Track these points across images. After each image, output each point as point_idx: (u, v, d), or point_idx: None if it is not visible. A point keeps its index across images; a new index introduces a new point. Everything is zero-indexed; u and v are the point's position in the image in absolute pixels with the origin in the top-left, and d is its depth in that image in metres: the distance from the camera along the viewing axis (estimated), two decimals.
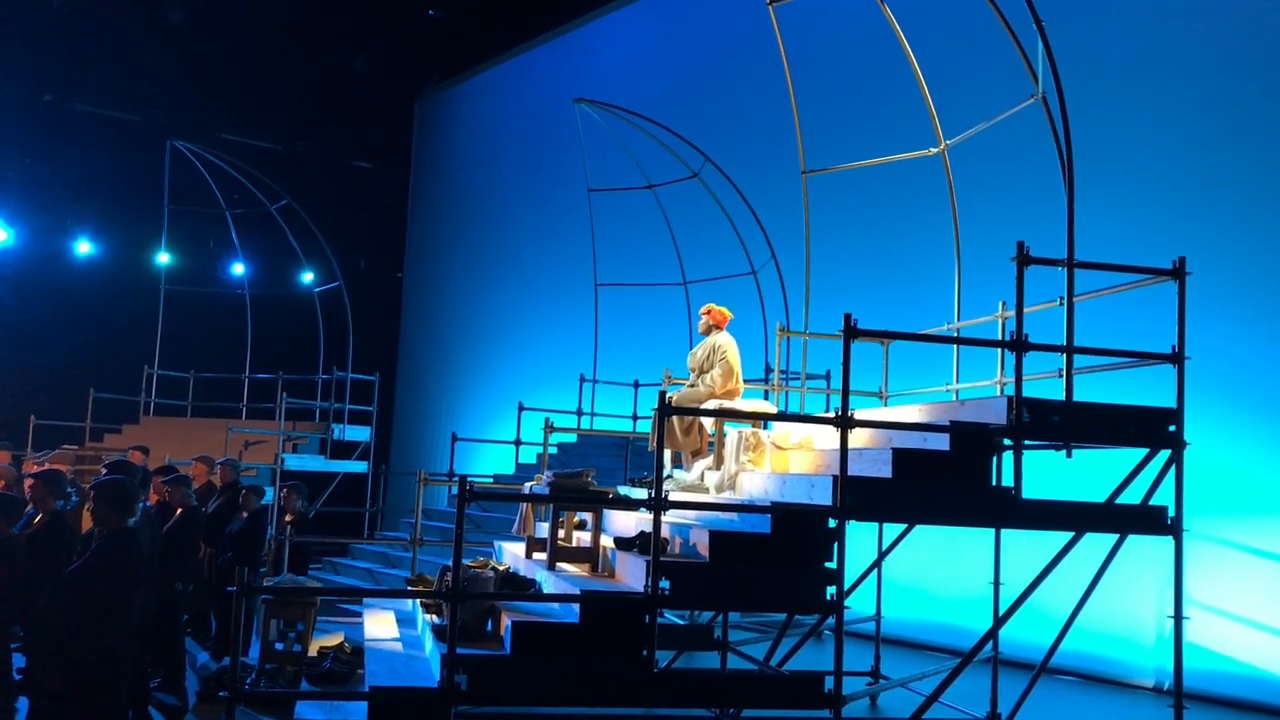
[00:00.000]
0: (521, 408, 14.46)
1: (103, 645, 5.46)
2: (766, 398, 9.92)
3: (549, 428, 11.83)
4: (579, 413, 15.15)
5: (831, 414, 6.14)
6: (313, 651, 7.36)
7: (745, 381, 8.71)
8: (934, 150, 9.34)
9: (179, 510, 9.02)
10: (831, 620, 6.03)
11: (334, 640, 7.64)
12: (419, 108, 23.95)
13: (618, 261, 16.06)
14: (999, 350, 8.07)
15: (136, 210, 19.22)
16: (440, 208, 22.83)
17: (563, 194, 17.92)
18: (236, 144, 19.85)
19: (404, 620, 8.21)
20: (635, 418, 14.96)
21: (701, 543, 6.21)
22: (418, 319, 23.03)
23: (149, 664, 7.96)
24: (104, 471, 7.57)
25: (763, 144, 14.61)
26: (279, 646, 7.51)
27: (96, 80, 19.29)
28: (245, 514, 10.31)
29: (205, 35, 19.56)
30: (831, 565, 6.06)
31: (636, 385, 15.04)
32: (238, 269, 19.86)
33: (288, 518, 10.83)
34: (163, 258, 19.22)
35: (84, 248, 19.38)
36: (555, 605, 6.34)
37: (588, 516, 7.68)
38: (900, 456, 6.14)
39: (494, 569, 7.34)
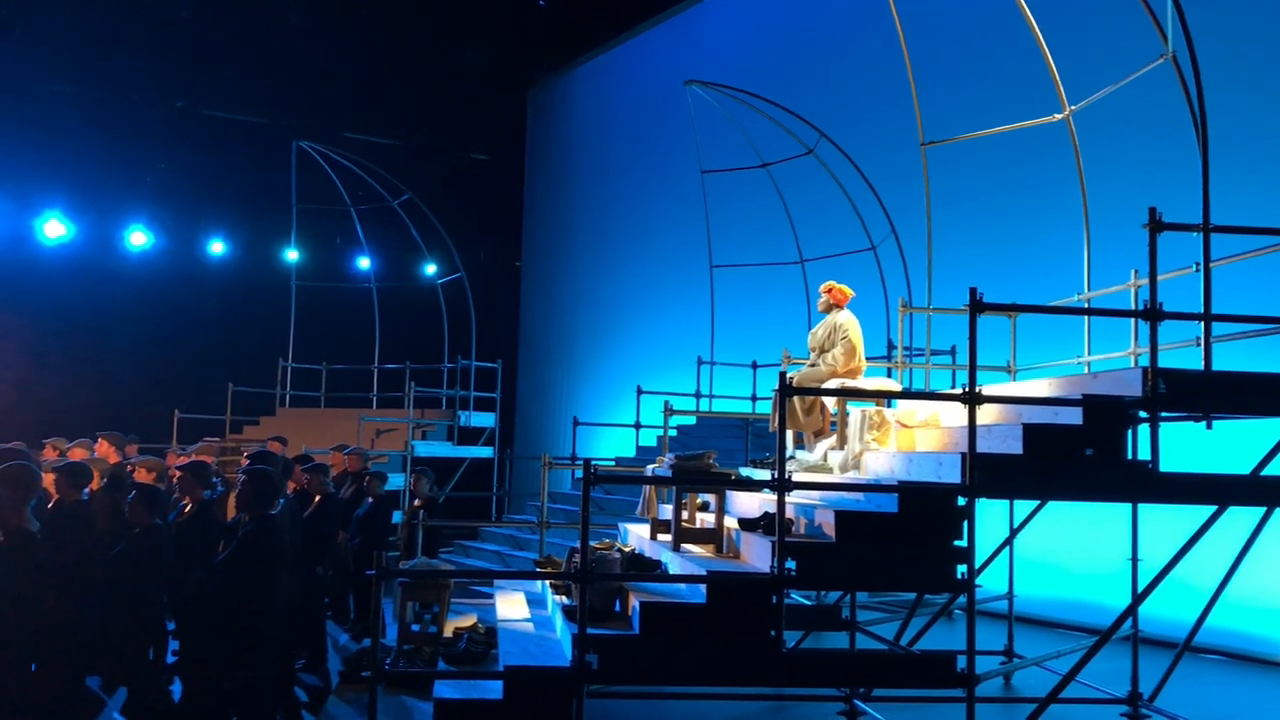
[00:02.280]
0: (640, 391, 14.55)
1: (251, 629, 5.72)
2: (889, 375, 9.80)
3: (668, 410, 11.89)
4: (697, 395, 15.17)
5: (958, 390, 6.04)
6: (448, 632, 7.57)
7: (867, 359, 8.62)
8: (1058, 116, 9.07)
9: (317, 497, 9.36)
10: (962, 599, 5.94)
11: (468, 621, 7.85)
12: (531, 97, 24.22)
13: (733, 242, 16.01)
14: (1132, 320, 7.82)
15: (266, 210, 19.93)
16: (555, 196, 23.09)
17: (675, 177, 17.93)
18: (358, 142, 20.39)
19: (534, 601, 8.37)
20: (754, 399, 14.91)
21: (827, 523, 6.18)
22: (536, 306, 23.36)
23: (293, 646, 8.29)
24: (247, 462, 7.91)
25: (879, 117, 14.37)
26: (415, 628, 7.75)
27: (224, 85, 20.03)
28: (369, 499, 10.65)
29: (325, 37, 20.13)
30: (961, 544, 5.97)
31: (755, 366, 14.99)
32: (364, 263, 20.45)
33: (416, 502, 11.14)
34: (292, 255, 19.90)
35: (218, 248, 20.19)
36: (682, 586, 6.39)
37: (710, 498, 7.71)
38: (1031, 432, 6.00)
39: (619, 550, 7.43)
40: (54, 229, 18.39)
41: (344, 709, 6.80)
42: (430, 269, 19.96)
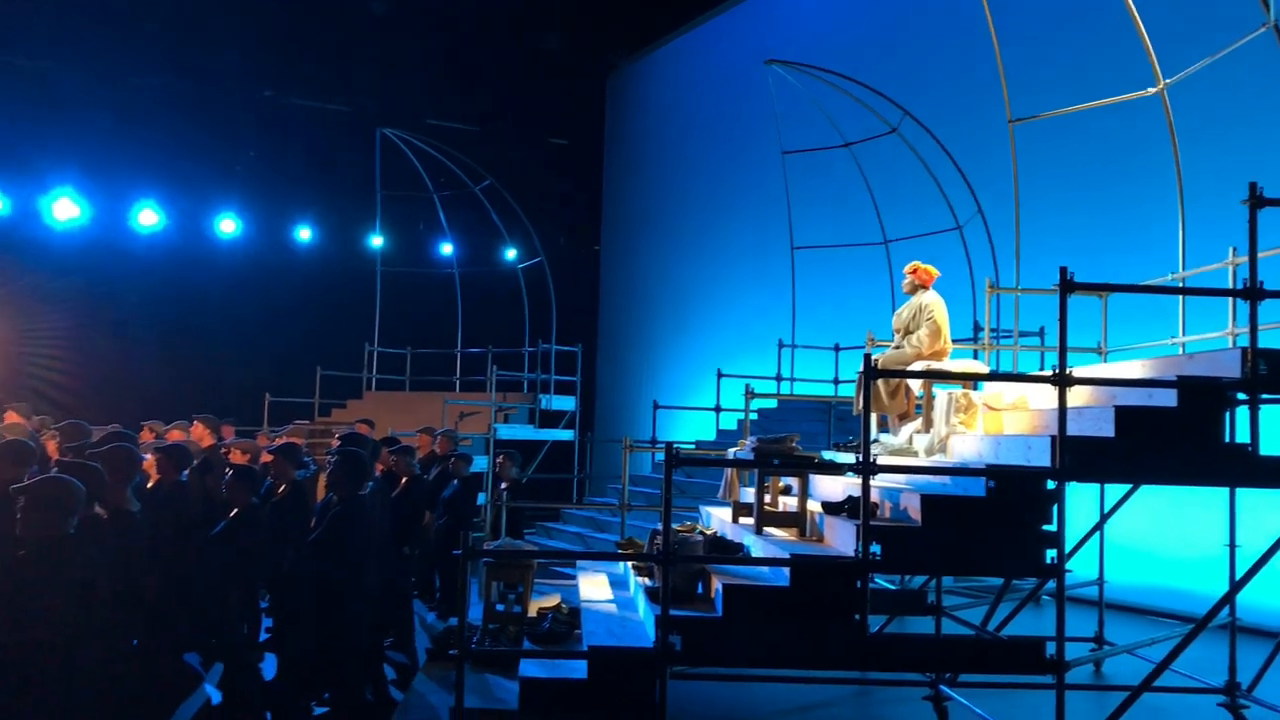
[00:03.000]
0: (720, 374, 14.52)
1: (342, 607, 5.85)
2: (976, 357, 9.65)
3: (750, 394, 11.84)
4: (778, 378, 15.09)
5: (1048, 372, 5.92)
6: (532, 612, 7.65)
7: (953, 341, 8.49)
8: (1152, 90, 8.81)
9: (404, 479, 9.53)
10: (1051, 585, 5.84)
11: (551, 601, 7.92)
12: (611, 81, 24.24)
13: (814, 223, 15.87)
14: (1230, 300, 7.58)
15: (351, 197, 20.27)
16: (634, 179, 23.10)
17: (756, 158, 17.81)
18: (440, 128, 20.61)
19: (616, 583, 8.42)
20: (837, 382, 14.79)
21: (913, 507, 6.11)
22: (616, 290, 23.43)
23: (381, 624, 8.46)
24: (336, 444, 8.08)
25: (964, 94, 14.10)
26: (500, 607, 7.84)
27: (310, 74, 20.39)
28: (456, 480, 10.79)
29: (406, 25, 20.38)
30: (1051, 528, 5.87)
31: (837, 349, 14.85)
32: (446, 249, 20.71)
33: (503, 484, 11.27)
34: (377, 241, 20.23)
35: (305, 235, 20.60)
36: (765, 569, 6.38)
37: (793, 481, 7.67)
38: (1124, 414, 5.86)
39: (701, 533, 7.44)
40: (148, 218, 18.92)
41: (431, 685, 6.92)
42: (511, 254, 20.14)
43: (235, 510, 7.01)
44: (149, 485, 7.28)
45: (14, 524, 4.76)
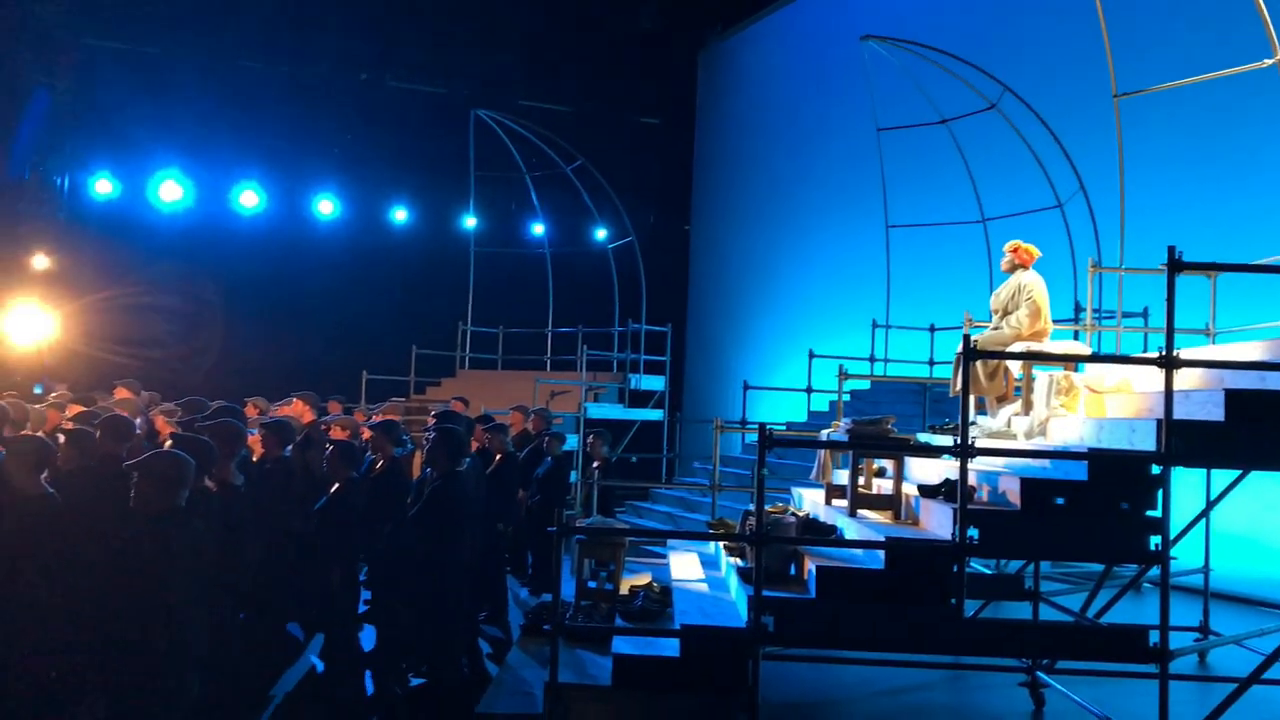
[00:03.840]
0: (812, 355, 14.40)
1: (439, 580, 5.97)
2: (1076, 338, 9.41)
3: (843, 374, 11.73)
4: (872, 359, 14.91)
5: (1154, 354, 5.75)
6: (623, 590, 7.70)
7: (1053, 322, 8.29)
8: (1269, 61, 8.45)
9: (498, 456, 9.66)
10: (1154, 572, 5.70)
11: (643, 580, 7.98)
12: (702, 59, 24.08)
13: (909, 202, 15.61)
14: None
15: (446, 178, 20.53)
16: (725, 158, 22.96)
17: (850, 135, 17.56)
18: (533, 109, 20.74)
19: (707, 562, 8.44)
20: (932, 363, 14.56)
21: (1012, 490, 6.00)
22: (706, 270, 23.35)
23: (477, 599, 8.60)
24: (432, 421, 8.22)
25: (1067, 68, 13.71)
26: (592, 585, 7.92)
27: (405, 57, 20.65)
28: (549, 458, 10.90)
29: (501, 6, 20.50)
30: (1155, 514, 5.71)
31: (932, 329, 14.60)
32: (537, 229, 20.88)
33: (595, 463, 11.35)
34: (470, 222, 20.48)
35: (401, 215, 20.93)
36: (858, 551, 6.34)
37: (888, 464, 7.59)
38: (1234, 398, 5.67)
39: (794, 515, 7.41)
40: (249, 199, 19.43)
41: (525, 659, 7.01)
42: (601, 234, 20.23)
43: (336, 485, 7.18)
44: (253, 460, 7.49)
45: (123, 498, 4.96)
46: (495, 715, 6.04)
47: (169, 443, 5.97)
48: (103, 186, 18.67)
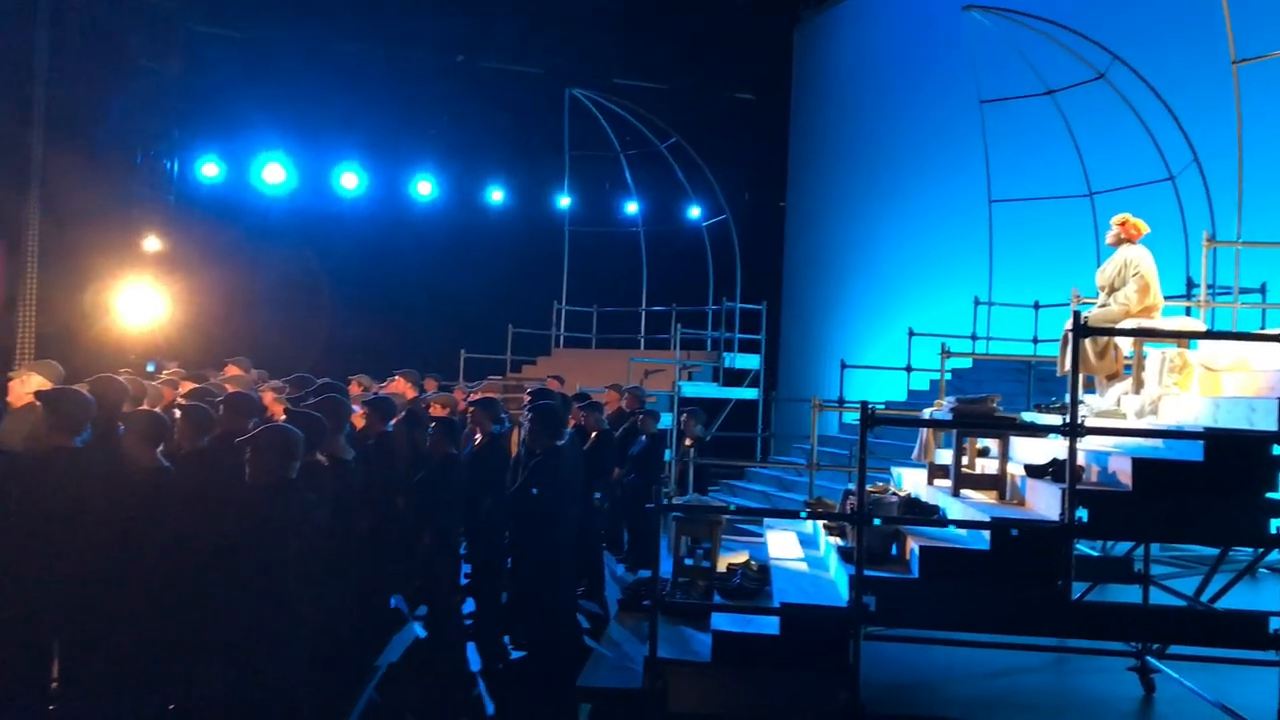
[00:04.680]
0: (912, 333, 14.17)
1: (540, 554, 6.04)
2: (1189, 315, 9.09)
3: (945, 353, 11.52)
4: (973, 337, 14.61)
5: (1275, 330, 5.52)
6: (720, 568, 7.70)
7: (1165, 298, 8.02)
8: None
9: (593, 434, 9.73)
10: (1273, 556, 5.50)
11: (740, 558, 7.95)
12: (798, 33, 23.76)
13: (1012, 176, 15.22)
14: None
15: (541, 158, 20.66)
16: (821, 133, 22.65)
17: (950, 109, 17.16)
18: (627, 87, 20.71)
19: (805, 542, 8.38)
20: (1036, 341, 14.20)
21: (1123, 471, 5.84)
22: (801, 247, 23.10)
23: (575, 574, 8.69)
24: (528, 399, 8.31)
25: (1180, 34, 13.19)
26: (689, 562, 7.93)
27: (501, 38, 20.78)
28: (644, 436, 10.93)
29: None
30: (1276, 496, 5.51)
31: (1036, 306, 14.24)
32: (631, 207, 20.89)
33: (688, 441, 11.35)
34: (564, 201, 20.59)
35: (497, 196, 21.13)
36: (962, 531, 6.23)
37: (992, 443, 7.45)
38: None
39: (895, 494, 7.32)
40: (349, 181, 19.81)
41: (624, 634, 7.05)
42: (695, 212, 20.16)
43: (437, 460, 7.31)
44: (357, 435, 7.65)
45: (238, 471, 5.11)
46: (595, 689, 6.10)
47: (280, 418, 6.13)
48: (209, 170, 19.20)
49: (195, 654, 5.25)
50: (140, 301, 16.43)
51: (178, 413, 6.36)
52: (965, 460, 7.35)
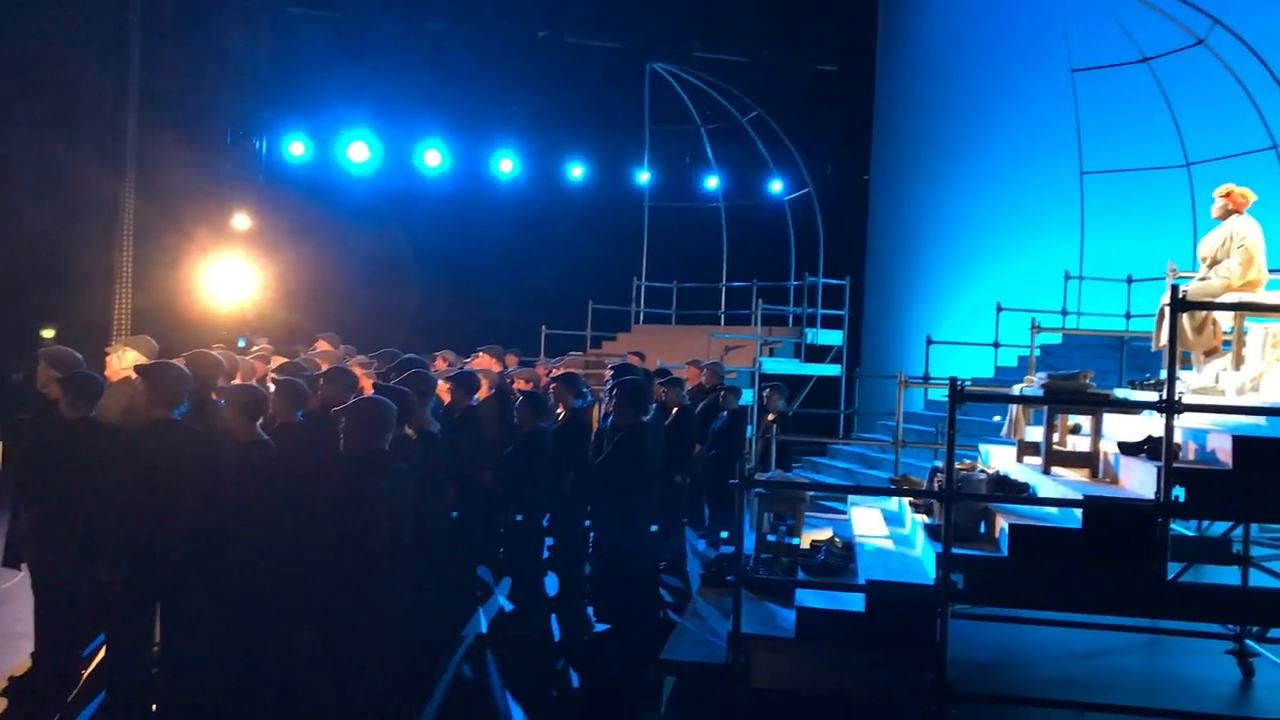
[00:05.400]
0: (1000, 308, 13.89)
1: (626, 528, 6.06)
2: None
3: (1036, 328, 11.28)
4: (1063, 312, 14.25)
5: None
6: (804, 544, 7.66)
7: (1269, 271, 7.75)
8: None
9: (674, 410, 9.72)
10: None
11: (824, 534, 7.91)
12: (883, 4, 23.32)
13: (1105, 146, 14.79)
14: None
15: (621, 133, 20.63)
16: (906, 104, 22.21)
17: (1040, 78, 16.70)
18: (707, 60, 20.55)
19: (890, 519, 8.30)
20: (1129, 316, 13.82)
21: (1222, 449, 5.67)
22: (885, 221, 22.73)
23: (657, 548, 8.72)
24: (609, 374, 8.33)
25: None
26: (772, 538, 7.90)
27: (582, 13, 20.75)
28: (725, 413, 10.89)
29: None
30: None
31: (1130, 280, 13.85)
32: (711, 182, 20.77)
33: (770, 417, 11.29)
34: (644, 176, 20.55)
35: (577, 172, 21.17)
36: (1053, 510, 6.11)
37: (1083, 420, 7.28)
38: None
39: (983, 471, 7.19)
40: (433, 159, 20.01)
41: (707, 609, 7.06)
42: (777, 186, 19.99)
43: (523, 434, 7.38)
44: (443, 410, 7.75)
45: (332, 444, 5.21)
46: (679, 663, 6.12)
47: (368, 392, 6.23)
48: (296, 148, 19.55)
49: (290, 620, 5.39)
50: (230, 278, 16.83)
51: (271, 387, 6.51)
52: (1056, 437, 7.21)
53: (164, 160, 15.91)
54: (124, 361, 6.96)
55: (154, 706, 5.49)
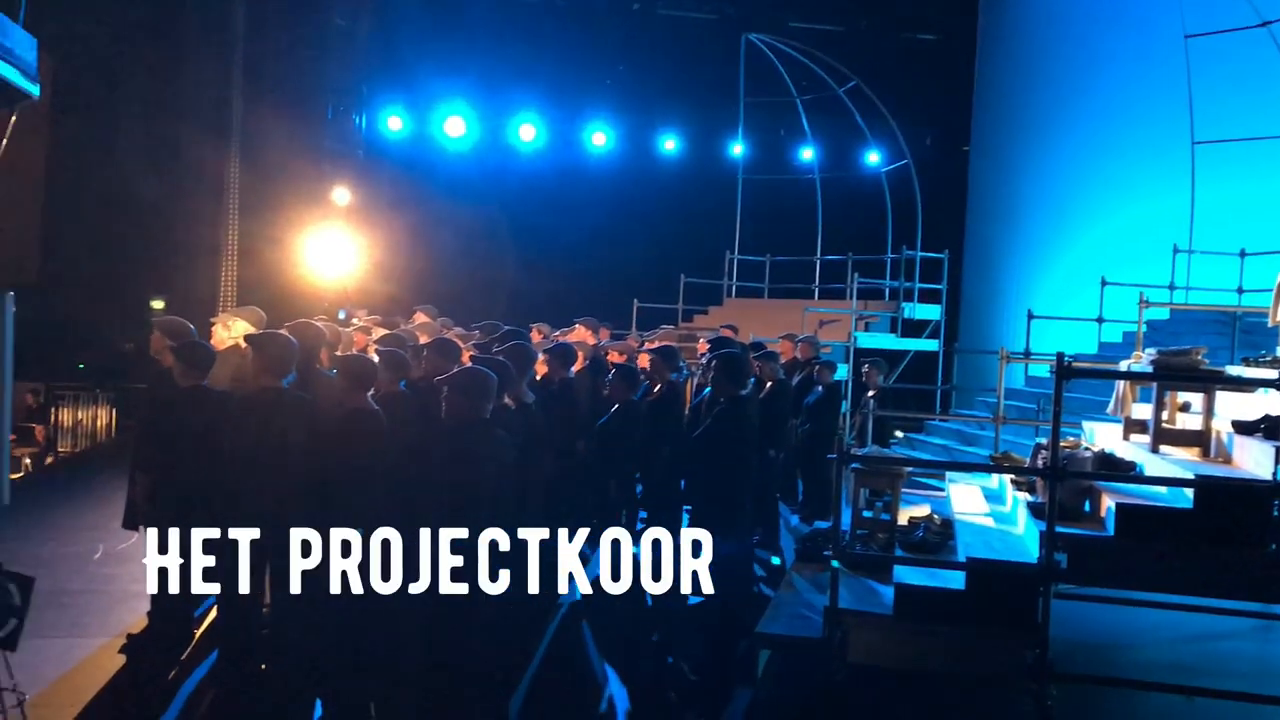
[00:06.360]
0: (1104, 282, 13.50)
1: (725, 501, 6.06)
2: None
3: (1144, 303, 10.95)
4: (1171, 286, 13.79)
5: None
6: (901, 521, 7.57)
7: None
8: None
9: (769, 383, 9.68)
10: None
11: (922, 511, 7.81)
12: None
13: (1219, 115, 14.21)
14: None
15: (714, 105, 20.50)
16: (1008, 74, 21.62)
17: (1150, 44, 16.13)
18: (804, 30, 20.26)
19: (990, 497, 8.16)
20: (1241, 291, 13.31)
21: None
22: (986, 193, 22.21)
23: (752, 523, 8.70)
24: (704, 348, 8.31)
25: None
26: (867, 514, 7.83)
27: None
28: (820, 387, 10.80)
29: None
30: None
31: (1243, 255, 13.33)
32: (807, 154, 20.54)
33: (870, 392, 11.18)
34: (738, 149, 20.40)
35: (670, 145, 21.12)
36: (1161, 489, 5.96)
37: (1193, 398, 7.06)
38: None
39: (1088, 449, 7.03)
40: (527, 133, 20.15)
41: (803, 583, 7.03)
42: (873, 158, 19.69)
43: (617, 405, 7.42)
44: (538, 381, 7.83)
45: (435, 413, 5.31)
46: (774, 636, 6.11)
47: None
48: (394, 123, 19.86)
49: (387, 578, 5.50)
50: (331, 252, 17.19)
51: (375, 357, 6.64)
52: (1165, 415, 7.01)
53: (267, 136, 16.31)
54: (232, 331, 7.18)
55: (263, 665, 5.67)
